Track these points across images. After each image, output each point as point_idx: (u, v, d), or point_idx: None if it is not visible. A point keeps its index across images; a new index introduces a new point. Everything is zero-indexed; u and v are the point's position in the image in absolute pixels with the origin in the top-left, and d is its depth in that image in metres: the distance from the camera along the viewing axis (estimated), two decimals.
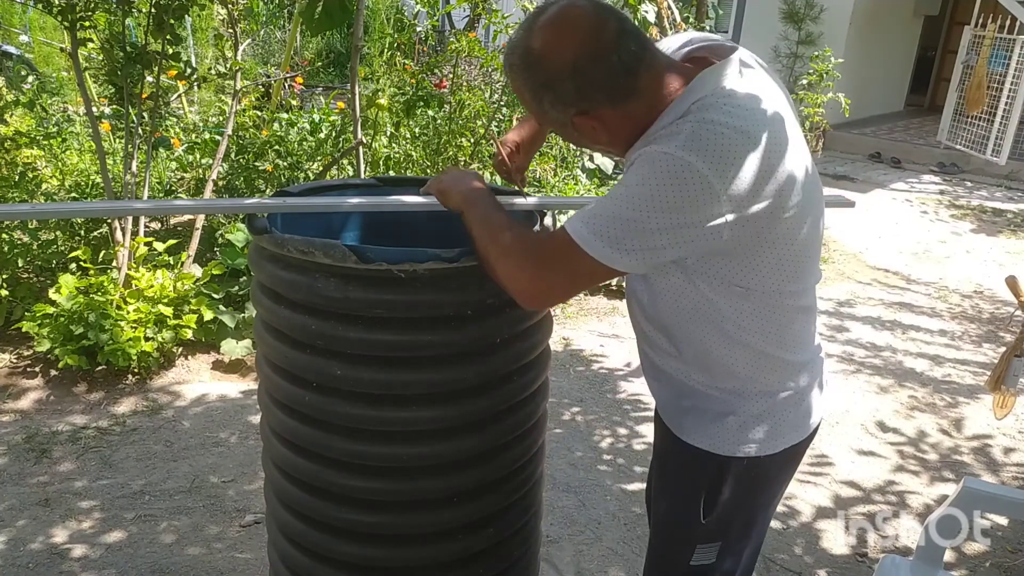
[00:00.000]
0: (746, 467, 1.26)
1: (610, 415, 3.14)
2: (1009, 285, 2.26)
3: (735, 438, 1.25)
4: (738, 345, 1.20)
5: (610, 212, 1.08)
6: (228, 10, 4.07)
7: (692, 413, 1.28)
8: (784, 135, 1.11)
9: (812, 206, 1.16)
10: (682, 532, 1.35)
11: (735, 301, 1.16)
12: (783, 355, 1.23)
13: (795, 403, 1.27)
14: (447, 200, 1.32)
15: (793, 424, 1.27)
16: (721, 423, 1.25)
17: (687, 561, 1.33)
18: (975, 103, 7.97)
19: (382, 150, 4.55)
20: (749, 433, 1.24)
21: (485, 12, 4.82)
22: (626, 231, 1.07)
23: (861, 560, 2.38)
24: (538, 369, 1.55)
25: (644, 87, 1.12)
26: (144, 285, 3.32)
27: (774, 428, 1.25)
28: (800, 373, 1.27)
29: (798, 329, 1.25)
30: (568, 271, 1.13)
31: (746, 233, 1.08)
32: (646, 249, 1.08)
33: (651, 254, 1.09)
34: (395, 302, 1.31)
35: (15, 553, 2.24)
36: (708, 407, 1.26)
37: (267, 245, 1.36)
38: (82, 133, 5.02)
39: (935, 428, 3.17)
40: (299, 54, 9.53)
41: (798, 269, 1.17)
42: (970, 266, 5.29)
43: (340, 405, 1.38)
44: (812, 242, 1.18)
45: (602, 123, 1.15)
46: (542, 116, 1.20)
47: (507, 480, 1.54)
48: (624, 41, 1.09)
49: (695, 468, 1.29)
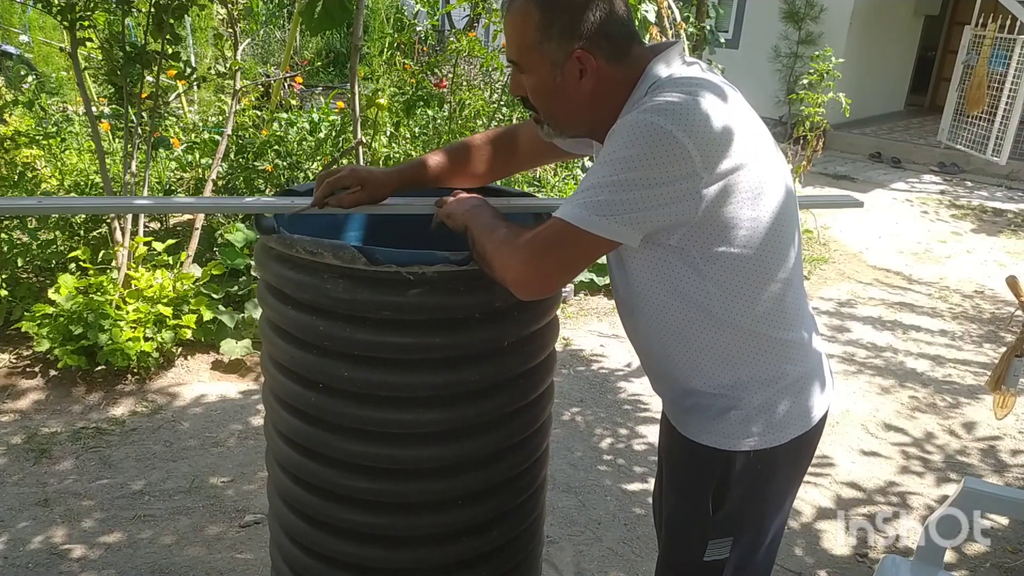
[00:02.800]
0: (752, 460, 1.26)
1: (610, 415, 3.13)
2: (1009, 285, 2.26)
3: (738, 432, 1.25)
4: (727, 326, 1.21)
5: (592, 183, 1.12)
6: (228, 10, 4.07)
7: (695, 411, 1.29)
8: (742, 107, 1.19)
9: (780, 177, 1.20)
10: (693, 529, 1.35)
11: (720, 276, 1.17)
12: (774, 333, 1.24)
13: (797, 391, 1.27)
14: (454, 223, 1.35)
15: (797, 414, 1.28)
16: (723, 418, 1.25)
17: (700, 557, 1.33)
18: (975, 103, 7.97)
19: (382, 150, 4.55)
20: (752, 426, 1.25)
21: (485, 12, 4.82)
22: (611, 195, 1.10)
23: (861, 560, 2.38)
24: (544, 372, 1.55)
25: (632, 58, 1.20)
26: (143, 285, 3.32)
27: (777, 419, 1.26)
28: (796, 355, 1.27)
29: (788, 304, 1.26)
30: (560, 252, 1.15)
31: (720, 194, 1.11)
32: (633, 211, 1.10)
33: (638, 217, 1.11)
34: (403, 304, 1.30)
35: (15, 553, 2.24)
36: (710, 404, 1.27)
37: (275, 245, 1.36)
38: (81, 133, 5.01)
39: (936, 428, 3.17)
40: (299, 54, 9.52)
41: (779, 235, 1.19)
42: (971, 266, 5.29)
43: (346, 406, 1.38)
44: (786, 211, 1.20)
45: (594, 73, 1.18)
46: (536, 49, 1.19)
47: (512, 483, 1.54)
48: (628, 11, 1.22)
49: (701, 464, 1.30)
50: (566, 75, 1.19)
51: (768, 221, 1.17)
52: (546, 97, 1.24)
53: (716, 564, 1.33)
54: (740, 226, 1.15)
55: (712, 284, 1.18)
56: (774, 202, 1.17)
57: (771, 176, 1.17)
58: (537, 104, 1.26)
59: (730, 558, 1.33)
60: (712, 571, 1.34)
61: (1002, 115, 7.73)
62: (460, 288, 1.32)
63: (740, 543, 1.33)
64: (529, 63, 1.22)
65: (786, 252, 1.22)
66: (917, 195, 7.21)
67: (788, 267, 1.24)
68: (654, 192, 1.09)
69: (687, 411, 1.31)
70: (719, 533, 1.32)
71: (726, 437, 1.26)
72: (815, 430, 1.32)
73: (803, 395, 1.28)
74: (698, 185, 1.09)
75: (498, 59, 4.89)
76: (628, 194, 1.09)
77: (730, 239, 1.15)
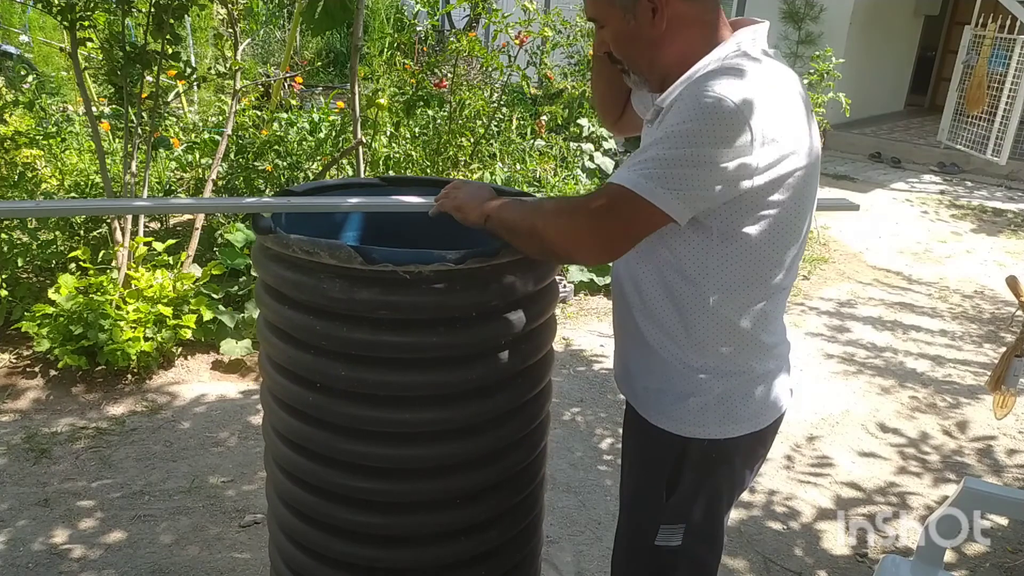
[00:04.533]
0: (706, 448, 1.29)
1: (610, 415, 3.13)
2: (1009, 285, 2.26)
3: (696, 419, 1.27)
4: (713, 311, 1.22)
5: (655, 155, 1.11)
6: (228, 10, 4.07)
7: (656, 394, 1.31)
8: (802, 101, 1.20)
9: (814, 177, 1.21)
10: (646, 512, 1.38)
11: (727, 260, 1.18)
12: (759, 335, 1.26)
13: (759, 387, 1.29)
14: (466, 216, 1.33)
15: (757, 408, 1.29)
16: (683, 404, 1.27)
17: (651, 541, 1.36)
18: (975, 103, 7.97)
19: (382, 150, 4.55)
20: (710, 415, 1.27)
21: (485, 12, 4.81)
22: (674, 169, 1.09)
23: (861, 560, 2.38)
24: (542, 371, 1.55)
25: (709, 17, 1.20)
26: (143, 285, 3.32)
27: (736, 411, 1.28)
28: (769, 356, 1.29)
29: (777, 309, 1.28)
30: (624, 219, 1.14)
31: (762, 179, 1.12)
32: (692, 188, 1.10)
33: (695, 195, 1.11)
34: (400, 303, 1.30)
35: (15, 553, 2.24)
36: (671, 388, 1.29)
37: (272, 245, 1.36)
38: (81, 133, 5.02)
39: (936, 429, 3.17)
40: (299, 54, 9.53)
41: (791, 233, 1.20)
42: (970, 266, 5.29)
43: (344, 406, 1.38)
44: (806, 211, 1.21)
45: (673, 18, 1.18)
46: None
47: (510, 482, 1.54)
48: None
49: (657, 448, 1.33)
50: (639, 17, 1.19)
51: (790, 217, 1.18)
52: (624, 44, 1.25)
53: (667, 551, 1.35)
54: (765, 215, 1.16)
55: (716, 265, 1.19)
56: (800, 200, 1.19)
57: (807, 175, 1.18)
58: (619, 54, 1.27)
59: (682, 546, 1.35)
60: (662, 557, 1.36)
61: (1002, 115, 7.73)
62: (457, 287, 1.32)
63: (691, 532, 1.35)
64: (604, 15, 1.23)
65: (793, 254, 1.24)
66: (917, 195, 7.21)
67: (789, 274, 1.26)
68: (713, 173, 1.09)
69: (648, 392, 1.33)
70: (671, 518, 1.34)
71: (684, 423, 1.28)
72: (770, 430, 1.34)
73: (767, 390, 1.30)
74: (750, 169, 1.10)
75: (498, 59, 4.89)
76: (690, 170, 1.09)
77: (751, 223, 1.16)
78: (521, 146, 5.43)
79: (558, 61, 6.72)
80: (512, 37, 4.99)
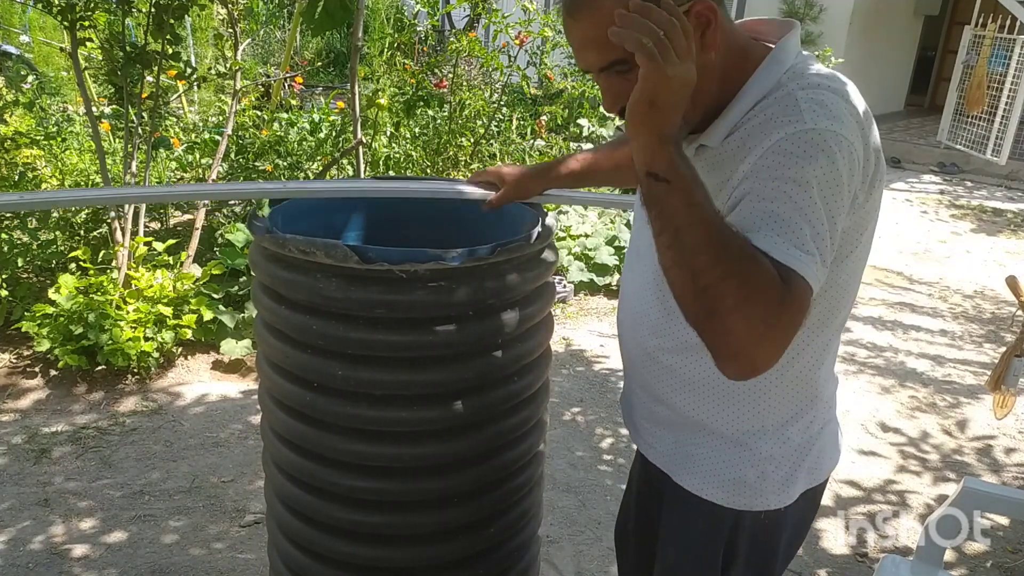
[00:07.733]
0: (765, 519, 1.13)
1: (610, 415, 3.13)
2: (1009, 285, 2.26)
3: (753, 490, 1.10)
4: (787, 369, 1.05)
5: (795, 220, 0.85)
6: (228, 10, 4.07)
7: (701, 460, 1.13)
8: None
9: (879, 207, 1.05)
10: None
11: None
12: (819, 381, 1.10)
13: (817, 443, 1.14)
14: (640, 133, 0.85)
15: (813, 465, 1.14)
16: (736, 473, 1.11)
17: None
18: (975, 103, 7.97)
19: (382, 150, 4.56)
20: (767, 483, 1.10)
21: (485, 12, 4.82)
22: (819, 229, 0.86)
23: (861, 560, 2.38)
24: (539, 370, 1.54)
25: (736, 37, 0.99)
26: (144, 285, 3.32)
27: (795, 473, 1.12)
28: (824, 406, 1.15)
29: (834, 353, 1.13)
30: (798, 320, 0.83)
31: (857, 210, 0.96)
32: (831, 245, 0.88)
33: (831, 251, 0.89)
34: (396, 302, 1.30)
35: (15, 553, 2.24)
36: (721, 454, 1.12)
37: (268, 245, 1.36)
38: (82, 133, 5.02)
39: (936, 428, 3.17)
40: (299, 54, 9.53)
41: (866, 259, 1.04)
42: (970, 266, 5.29)
43: (341, 405, 1.38)
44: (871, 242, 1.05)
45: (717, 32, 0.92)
46: None
47: (508, 480, 1.54)
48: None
49: (707, 522, 1.15)
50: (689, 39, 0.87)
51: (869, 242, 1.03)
52: None
53: None
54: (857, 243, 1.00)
55: None
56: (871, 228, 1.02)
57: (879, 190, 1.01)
58: None
59: None
60: None
61: (1002, 115, 7.72)
62: (453, 286, 1.31)
63: None
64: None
65: (855, 290, 1.07)
66: (917, 195, 7.21)
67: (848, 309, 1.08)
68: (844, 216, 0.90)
69: (690, 459, 1.14)
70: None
71: (739, 496, 1.11)
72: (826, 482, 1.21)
73: (825, 445, 1.17)
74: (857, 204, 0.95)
75: (498, 59, 4.90)
76: (832, 231, 0.88)
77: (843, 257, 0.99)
78: (521, 146, 5.43)
79: (558, 61, 6.72)
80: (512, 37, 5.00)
